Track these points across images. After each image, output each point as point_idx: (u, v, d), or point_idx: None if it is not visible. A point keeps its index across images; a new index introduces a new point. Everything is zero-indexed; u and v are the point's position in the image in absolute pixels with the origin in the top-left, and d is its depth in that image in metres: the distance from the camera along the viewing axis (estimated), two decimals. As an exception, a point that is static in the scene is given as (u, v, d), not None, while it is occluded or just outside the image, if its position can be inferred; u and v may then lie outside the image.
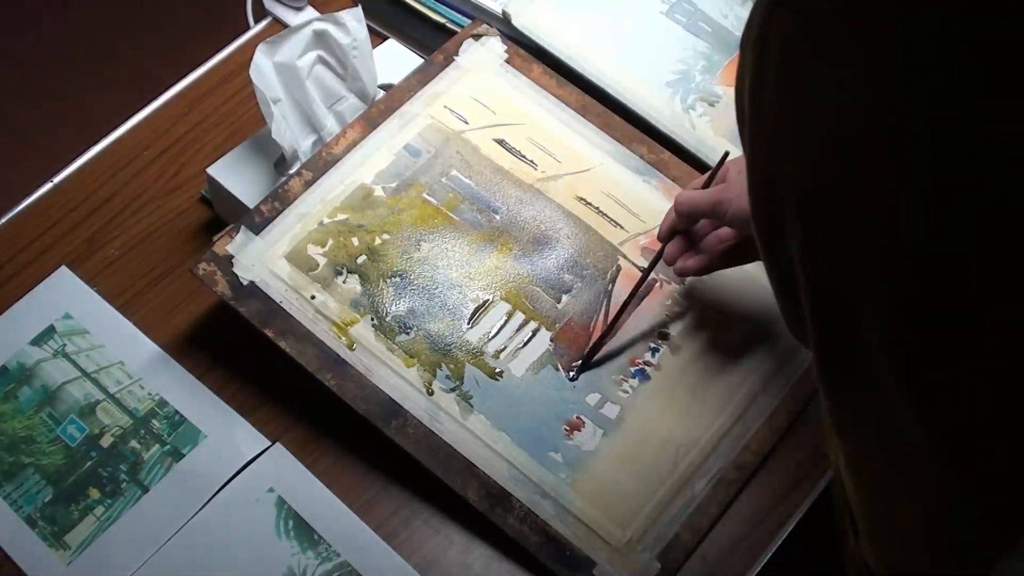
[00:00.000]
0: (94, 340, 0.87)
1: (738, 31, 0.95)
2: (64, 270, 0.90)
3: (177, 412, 0.83)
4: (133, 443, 0.82)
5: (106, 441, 0.82)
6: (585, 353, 0.82)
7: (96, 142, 0.98)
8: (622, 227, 0.89)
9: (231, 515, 0.79)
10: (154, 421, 0.83)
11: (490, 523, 0.76)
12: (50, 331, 0.87)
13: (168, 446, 0.82)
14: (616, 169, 0.91)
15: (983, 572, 0.46)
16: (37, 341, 0.87)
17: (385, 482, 0.80)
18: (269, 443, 0.82)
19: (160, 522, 0.79)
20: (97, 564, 0.77)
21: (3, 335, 0.87)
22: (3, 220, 0.94)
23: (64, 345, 0.86)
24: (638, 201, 0.90)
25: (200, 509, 0.79)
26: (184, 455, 0.81)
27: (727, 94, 0.96)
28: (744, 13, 0.92)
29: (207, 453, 0.81)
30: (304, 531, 0.78)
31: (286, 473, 0.80)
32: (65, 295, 0.89)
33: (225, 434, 0.82)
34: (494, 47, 0.96)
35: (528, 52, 0.96)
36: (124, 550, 0.78)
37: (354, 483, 0.80)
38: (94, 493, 0.80)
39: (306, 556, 0.77)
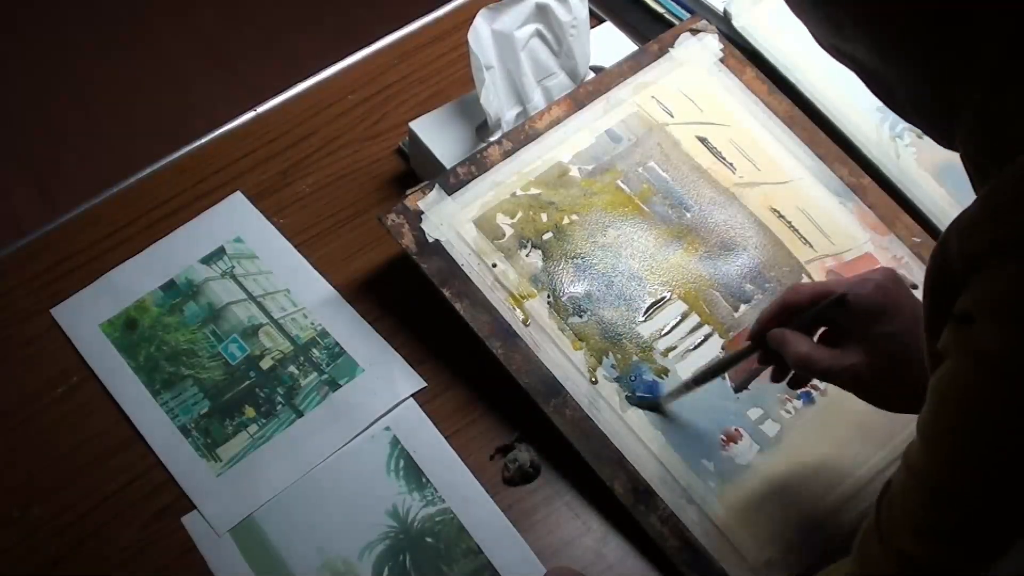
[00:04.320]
0: (262, 265, 0.88)
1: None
2: (238, 195, 0.91)
3: (337, 344, 0.84)
4: (292, 368, 0.83)
5: (266, 363, 0.84)
6: (752, 370, 0.80)
7: (304, 79, 0.99)
8: (811, 246, 0.87)
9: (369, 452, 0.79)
10: (314, 350, 0.84)
11: (631, 518, 0.75)
12: (220, 252, 0.89)
13: (325, 375, 0.83)
14: (814, 186, 0.89)
15: None
16: (207, 260, 0.89)
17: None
18: (424, 384, 0.82)
19: (310, 448, 0.80)
20: (246, 480, 0.78)
21: (175, 251, 0.89)
22: (201, 142, 0.95)
23: (233, 267, 0.88)
24: (832, 222, 0.88)
25: (351, 440, 0.80)
26: (340, 386, 0.82)
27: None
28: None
29: (363, 387, 0.82)
30: (414, 472, 0.78)
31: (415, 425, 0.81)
32: (238, 219, 0.90)
33: (384, 369, 0.83)
34: (710, 44, 0.94)
35: (743, 54, 0.95)
36: (273, 470, 0.79)
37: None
38: (249, 411, 0.82)
39: (411, 497, 0.77)
